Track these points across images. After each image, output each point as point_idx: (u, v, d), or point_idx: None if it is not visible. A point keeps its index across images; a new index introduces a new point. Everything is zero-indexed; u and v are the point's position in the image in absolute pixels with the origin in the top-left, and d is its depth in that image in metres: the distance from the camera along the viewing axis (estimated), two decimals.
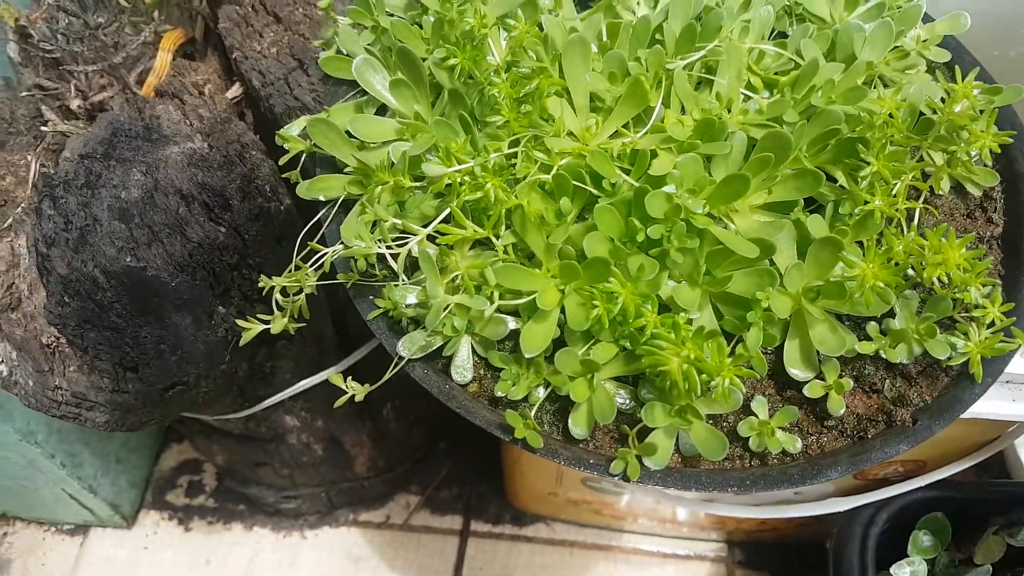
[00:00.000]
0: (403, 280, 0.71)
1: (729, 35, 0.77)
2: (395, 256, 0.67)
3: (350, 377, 0.72)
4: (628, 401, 0.69)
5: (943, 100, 0.78)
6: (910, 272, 0.70)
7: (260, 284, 0.71)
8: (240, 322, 0.76)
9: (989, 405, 1.04)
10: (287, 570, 1.80)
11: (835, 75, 0.75)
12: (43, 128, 1.07)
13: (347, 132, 0.77)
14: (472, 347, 0.72)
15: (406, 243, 0.68)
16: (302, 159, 0.81)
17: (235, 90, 1.00)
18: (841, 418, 0.70)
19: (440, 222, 0.70)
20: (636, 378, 0.70)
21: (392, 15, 0.87)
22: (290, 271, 0.74)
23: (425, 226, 0.69)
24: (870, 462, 0.66)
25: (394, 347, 0.69)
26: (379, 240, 0.67)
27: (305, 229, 0.74)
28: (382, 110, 0.82)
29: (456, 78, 0.76)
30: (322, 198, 0.74)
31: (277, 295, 0.76)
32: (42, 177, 0.92)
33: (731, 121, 0.73)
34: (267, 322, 0.76)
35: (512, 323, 0.71)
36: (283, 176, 0.80)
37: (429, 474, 1.87)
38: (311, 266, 0.75)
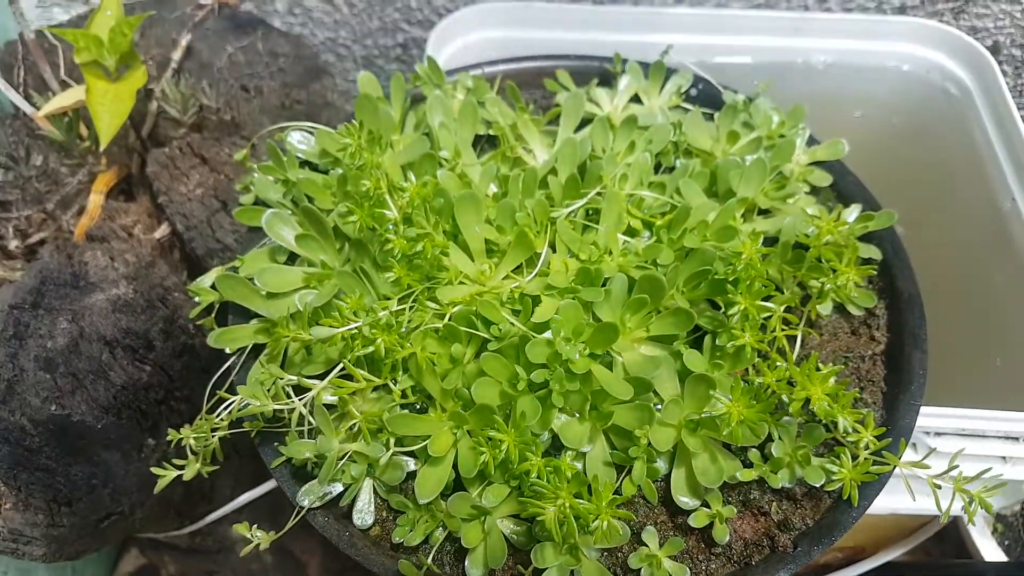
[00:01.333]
0: (308, 424, 0.74)
1: (611, 182, 0.82)
2: (292, 410, 0.70)
3: (255, 526, 0.74)
4: (524, 539, 0.72)
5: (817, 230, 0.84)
6: (785, 399, 0.74)
7: (168, 438, 0.73)
8: (155, 470, 0.78)
9: (893, 501, 1.07)
10: None
11: (709, 214, 0.81)
12: None
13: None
14: (375, 489, 0.75)
15: (304, 397, 0.71)
16: (217, 305, 0.85)
17: (163, 230, 1.05)
18: (729, 544, 0.73)
19: (339, 372, 0.74)
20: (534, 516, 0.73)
21: (306, 163, 0.93)
22: (199, 421, 0.77)
23: (323, 376, 0.73)
24: None
25: (296, 495, 0.72)
26: (274, 395, 0.71)
27: (213, 380, 0.77)
28: (294, 256, 0.87)
29: (358, 231, 0.80)
30: (228, 350, 0.78)
31: (190, 441, 0.79)
32: None
33: (611, 264, 0.78)
34: (181, 467, 0.79)
35: (412, 464, 0.75)
36: (198, 323, 0.84)
37: None
38: (224, 411, 0.78)
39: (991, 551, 1.37)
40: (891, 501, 1.10)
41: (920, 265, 0.92)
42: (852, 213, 0.89)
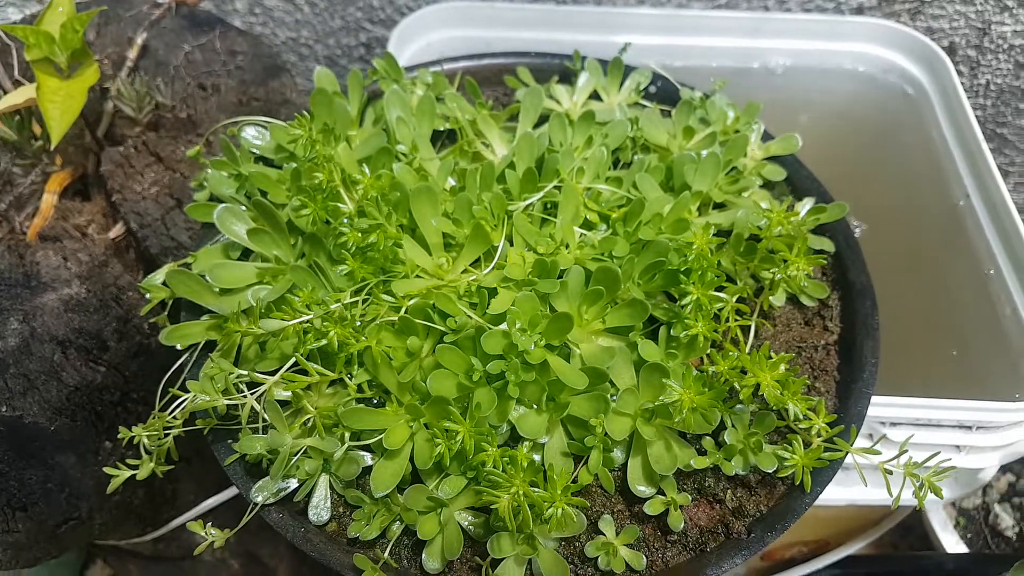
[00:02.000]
0: (262, 420, 0.74)
1: (568, 176, 0.82)
2: (243, 405, 0.70)
3: (210, 523, 0.73)
4: (482, 531, 0.72)
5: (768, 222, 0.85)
6: (737, 387, 0.75)
7: (120, 436, 0.72)
8: (108, 470, 0.77)
9: (851, 492, 1.08)
10: None
11: (664, 207, 0.82)
12: None
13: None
14: (331, 484, 0.74)
15: (256, 391, 0.71)
16: (170, 302, 0.84)
17: (118, 229, 1.03)
18: (684, 531, 0.74)
19: (292, 366, 0.73)
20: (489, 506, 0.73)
21: (261, 158, 0.92)
22: (152, 420, 0.75)
23: (274, 372, 0.72)
24: None
25: (249, 492, 0.71)
26: (225, 391, 0.70)
27: (165, 378, 0.76)
28: (248, 251, 0.86)
29: (311, 224, 0.80)
30: (179, 347, 0.77)
31: (144, 439, 0.77)
32: None
33: (568, 257, 0.78)
34: (135, 467, 0.78)
35: (370, 459, 0.74)
36: (151, 321, 0.83)
37: None
38: (176, 409, 0.77)
39: (952, 543, 1.40)
40: (849, 492, 1.12)
41: (878, 259, 0.93)
42: (805, 206, 0.90)
